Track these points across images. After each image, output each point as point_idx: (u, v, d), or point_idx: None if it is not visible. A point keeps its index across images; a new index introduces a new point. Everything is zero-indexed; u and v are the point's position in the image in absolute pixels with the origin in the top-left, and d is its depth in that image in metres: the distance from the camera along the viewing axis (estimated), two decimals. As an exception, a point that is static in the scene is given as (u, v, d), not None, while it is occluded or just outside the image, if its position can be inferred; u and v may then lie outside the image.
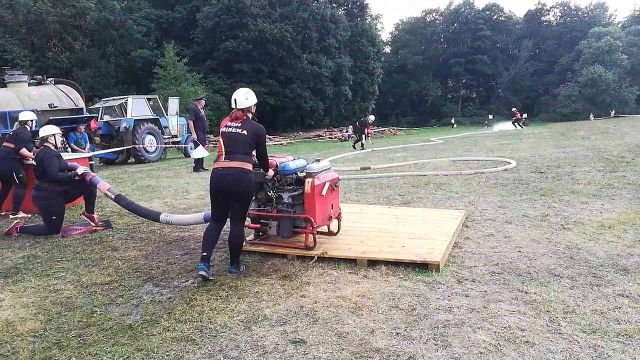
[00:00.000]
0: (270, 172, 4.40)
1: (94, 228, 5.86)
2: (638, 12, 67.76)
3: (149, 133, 16.07)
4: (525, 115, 43.68)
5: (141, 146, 15.53)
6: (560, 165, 9.62)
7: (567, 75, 57.82)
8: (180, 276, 4.10)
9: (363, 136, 18.04)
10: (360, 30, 49.73)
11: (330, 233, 4.84)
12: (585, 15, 65.04)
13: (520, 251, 4.37)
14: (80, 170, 5.89)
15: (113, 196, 5.65)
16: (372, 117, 21.26)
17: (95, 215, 6.14)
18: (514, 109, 35.40)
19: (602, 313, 3.05)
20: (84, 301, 3.62)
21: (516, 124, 31.74)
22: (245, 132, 4.00)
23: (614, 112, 44.36)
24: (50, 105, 12.00)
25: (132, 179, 10.91)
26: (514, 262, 4.07)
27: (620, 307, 3.12)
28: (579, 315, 3.02)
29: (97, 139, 15.47)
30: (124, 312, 3.38)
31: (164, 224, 5.64)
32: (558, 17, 67.48)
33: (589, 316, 3.01)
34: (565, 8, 66.32)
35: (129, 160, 16.29)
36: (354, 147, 18.90)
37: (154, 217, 5.40)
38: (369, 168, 10.62)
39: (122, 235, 5.64)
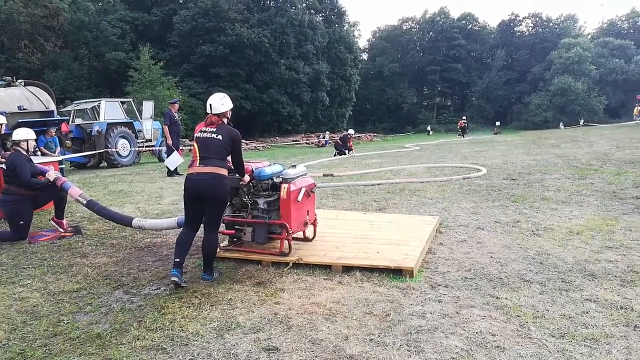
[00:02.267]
0: (246, 178, 4.37)
1: (63, 234, 5.71)
2: (606, 25, 70.22)
3: (122, 137, 15.79)
4: (498, 123, 44.77)
5: (114, 150, 15.25)
6: (531, 173, 9.83)
7: (539, 84, 59.39)
8: (151, 283, 4.03)
9: (346, 151, 18.09)
10: (338, 37, 50.09)
11: (305, 239, 4.83)
12: (556, 26, 67.05)
13: (492, 257, 4.44)
14: (52, 175, 5.74)
15: (85, 202, 5.52)
16: (351, 131, 21.32)
17: (64, 221, 5.98)
18: (464, 118, 38.13)
19: (570, 318, 3.11)
20: (50, 309, 3.51)
21: (461, 132, 34.44)
22: (220, 137, 3.96)
23: (583, 121, 45.68)
24: (19, 108, 11.65)
25: (104, 183, 10.69)
26: (486, 268, 4.13)
27: (587, 312, 3.19)
28: (548, 320, 3.08)
29: (68, 142, 15.08)
30: (92, 320, 3.30)
31: (136, 229, 5.53)
32: (530, 28, 69.39)
33: (557, 321, 3.07)
34: (537, 19, 68.26)
35: (101, 165, 15.98)
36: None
37: (126, 222, 5.30)
38: (332, 175, 10.62)
39: (92, 241, 5.51)
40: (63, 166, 11.08)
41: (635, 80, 53.52)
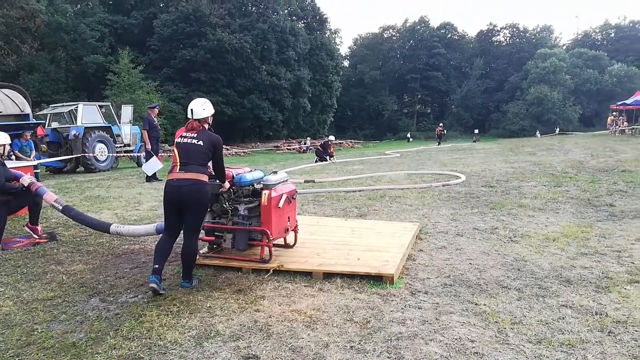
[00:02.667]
0: (226, 184, 4.33)
1: (37, 240, 5.57)
2: (581, 36, 72.18)
3: (100, 141, 15.53)
4: (476, 131, 45.53)
5: (91, 155, 14.98)
6: (508, 180, 10.00)
7: (516, 93, 60.64)
8: (128, 291, 3.95)
9: (327, 157, 18.13)
10: (319, 44, 50.37)
11: (286, 246, 4.81)
12: (533, 37, 68.67)
13: (470, 263, 4.50)
14: (26, 180, 5.59)
15: (60, 207, 5.39)
16: (332, 137, 21.37)
17: (39, 227, 5.84)
18: (441, 125, 39.13)
19: (547, 323, 3.16)
20: (23, 318, 3.42)
21: (438, 139, 35.61)
22: (201, 142, 3.93)
23: (558, 129, 46.75)
24: (-7, 110, 11.38)
25: (81, 188, 10.48)
26: (465, 274, 4.18)
27: (563, 318, 3.25)
28: (525, 326, 3.13)
29: (44, 146, 14.77)
30: (67, 329, 3.22)
31: (114, 236, 5.43)
32: (508, 38, 70.92)
33: (534, 327, 3.12)
34: (514, 29, 69.80)
35: (78, 169, 15.66)
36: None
37: (104, 228, 5.19)
38: (314, 181, 10.63)
39: (68, 248, 5.39)
40: (38, 171, 10.83)
41: (609, 90, 55.08)
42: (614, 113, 33.28)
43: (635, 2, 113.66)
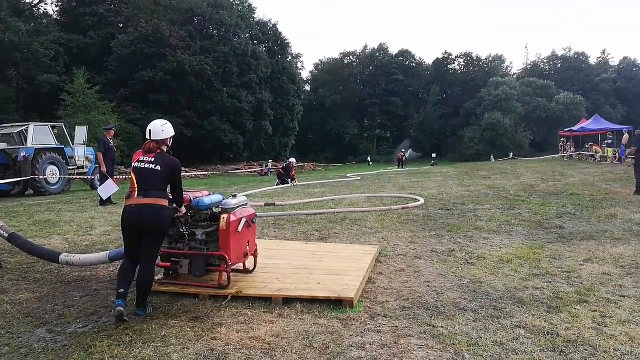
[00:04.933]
0: (183, 209, 4.24)
1: (-20, 268, 5.25)
2: (530, 66, 76.09)
3: (52, 163, 14.96)
4: (434, 155, 46.79)
5: (41, 177, 14.39)
6: (464, 203, 10.28)
7: (471, 119, 62.85)
8: (78, 320, 3.77)
9: (289, 180, 18.13)
10: (281, 68, 50.81)
11: (246, 271, 4.74)
12: (486, 65, 71.78)
13: (429, 286, 4.56)
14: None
15: (6, 235, 5.12)
16: (293, 160, 21.42)
17: (-19, 254, 5.52)
18: (403, 151, 40.62)
19: (501, 344, 3.23)
20: (-40, 353, 3.19)
21: (399, 164, 37.10)
22: (159, 167, 3.86)
23: (512, 154, 48.66)
24: None
25: (29, 212, 10.01)
26: (423, 297, 4.23)
27: (517, 338, 3.33)
28: (481, 347, 3.18)
29: (-9, 168, 14.11)
30: (9, 363, 3.03)
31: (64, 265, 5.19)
32: (462, 66, 73.80)
33: (490, 348, 3.18)
34: (469, 58, 72.77)
35: (27, 192, 14.98)
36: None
37: (53, 258, 4.96)
38: (274, 204, 10.60)
39: (13, 275, 5.10)
40: (-17, 194, 10.29)
41: (557, 117, 57.96)
42: (562, 139, 35.00)
43: (579, 35, 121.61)
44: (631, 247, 6.07)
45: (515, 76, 71.65)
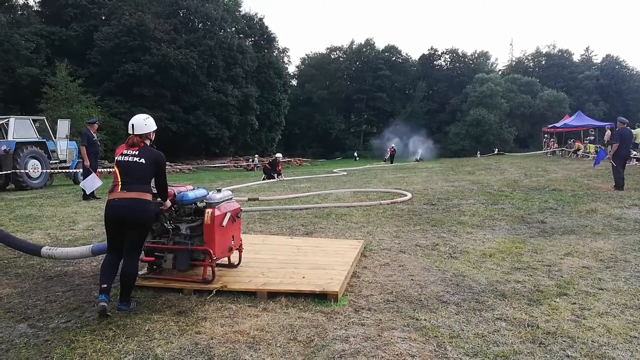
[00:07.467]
0: (167, 203, 4.22)
1: (-41, 263, 5.17)
2: (515, 62, 76.87)
3: (33, 157, 14.73)
4: (420, 151, 47.10)
5: (23, 171, 14.16)
6: (449, 198, 10.38)
7: (457, 115, 63.39)
8: (60, 315, 3.73)
9: (275, 175, 18.12)
10: (267, 62, 50.60)
11: (230, 265, 4.73)
12: (471, 62, 72.33)
13: (412, 279, 4.60)
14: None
15: (-15, 227, 5.05)
16: (279, 155, 21.40)
17: (-40, 249, 5.43)
18: (392, 146, 39.98)
19: (483, 336, 3.28)
20: (-61, 349, 3.14)
21: (389, 158, 36.89)
22: (143, 160, 3.83)
23: (497, 150, 49.21)
24: None
25: (11, 207, 9.85)
26: (407, 290, 4.27)
27: (498, 330, 3.39)
28: (463, 340, 3.23)
29: (-30, 162, 13.84)
30: (-11, 359, 2.99)
31: (46, 259, 5.13)
32: (448, 62, 74.23)
33: (471, 340, 3.23)
34: (454, 54, 73.20)
35: (8, 187, 14.75)
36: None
37: (34, 251, 4.90)
38: (257, 199, 10.59)
39: (-6, 270, 5.03)
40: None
41: (540, 114, 58.77)
42: (546, 135, 35.50)
43: (563, 31, 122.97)
44: (610, 241, 6.19)
45: (500, 72, 72.36)
